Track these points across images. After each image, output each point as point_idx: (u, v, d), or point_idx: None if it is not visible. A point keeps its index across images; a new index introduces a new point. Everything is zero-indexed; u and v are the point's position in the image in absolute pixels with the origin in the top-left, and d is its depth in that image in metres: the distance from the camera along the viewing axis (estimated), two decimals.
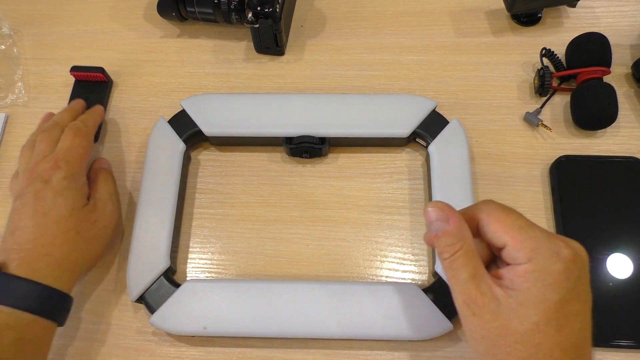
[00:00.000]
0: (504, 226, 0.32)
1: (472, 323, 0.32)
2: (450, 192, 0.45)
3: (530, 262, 0.31)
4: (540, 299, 0.30)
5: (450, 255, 0.32)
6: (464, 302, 0.32)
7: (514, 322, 0.31)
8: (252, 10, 0.49)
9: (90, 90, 0.53)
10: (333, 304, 0.42)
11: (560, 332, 0.31)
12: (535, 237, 0.32)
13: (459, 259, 0.32)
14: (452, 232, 0.32)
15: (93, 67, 0.52)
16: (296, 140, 0.48)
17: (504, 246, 0.32)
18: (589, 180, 0.47)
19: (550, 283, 0.31)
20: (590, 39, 0.50)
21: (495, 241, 0.33)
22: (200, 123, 0.49)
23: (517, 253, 0.31)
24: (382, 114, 0.48)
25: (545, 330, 0.30)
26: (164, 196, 0.46)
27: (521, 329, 0.30)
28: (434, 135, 0.48)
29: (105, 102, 0.53)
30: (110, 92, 0.54)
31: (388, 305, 0.42)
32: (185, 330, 0.42)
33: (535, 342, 0.30)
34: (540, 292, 0.31)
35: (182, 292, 0.43)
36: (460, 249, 0.32)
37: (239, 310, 0.42)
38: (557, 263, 0.31)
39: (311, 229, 0.47)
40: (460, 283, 0.32)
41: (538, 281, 0.31)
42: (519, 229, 0.32)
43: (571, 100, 0.50)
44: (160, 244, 0.44)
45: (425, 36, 0.55)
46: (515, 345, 0.31)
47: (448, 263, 0.32)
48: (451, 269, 0.32)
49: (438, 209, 0.33)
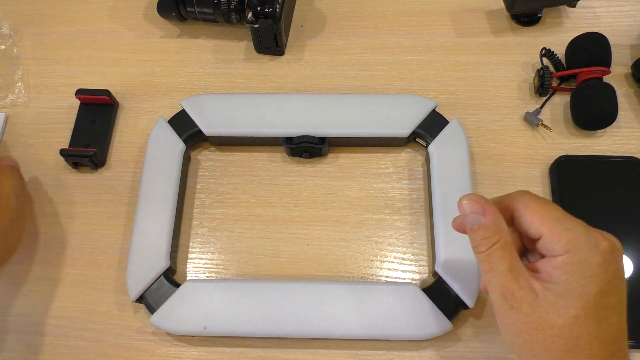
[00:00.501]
0: (541, 217, 0.32)
1: (510, 317, 0.31)
2: (450, 192, 0.45)
3: (567, 253, 0.30)
4: (579, 292, 0.30)
5: (487, 249, 0.32)
6: (502, 295, 0.31)
7: (552, 316, 0.30)
8: (252, 10, 0.49)
9: (96, 113, 0.52)
10: (333, 304, 0.42)
11: (599, 325, 0.30)
12: (572, 229, 0.31)
13: (497, 252, 0.31)
14: (488, 225, 0.32)
15: (99, 90, 0.51)
16: (296, 140, 0.48)
17: (540, 237, 0.32)
18: (589, 180, 0.47)
19: (589, 275, 0.30)
20: (590, 39, 0.50)
21: (532, 232, 0.32)
22: (200, 123, 0.49)
23: (554, 245, 0.31)
24: (382, 114, 0.48)
25: (584, 324, 0.30)
26: (163, 196, 0.46)
27: (560, 322, 0.30)
28: (434, 135, 0.48)
29: (111, 125, 0.52)
30: (116, 114, 0.53)
31: (388, 305, 0.42)
32: (185, 330, 0.42)
33: (575, 335, 0.30)
34: (579, 284, 0.30)
35: (182, 292, 0.43)
36: (497, 242, 0.31)
37: (238, 310, 0.42)
38: (595, 255, 0.30)
39: (311, 229, 0.47)
40: (498, 276, 0.31)
41: (576, 273, 0.30)
42: (556, 221, 0.31)
43: (571, 100, 0.50)
44: (160, 244, 0.44)
45: (425, 36, 0.55)
46: (554, 339, 0.30)
47: (485, 256, 0.32)
48: (488, 262, 0.32)
49: (473, 202, 0.32)
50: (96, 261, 0.47)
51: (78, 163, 0.50)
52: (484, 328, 0.43)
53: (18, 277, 0.47)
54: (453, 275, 0.42)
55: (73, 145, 0.51)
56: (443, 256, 0.43)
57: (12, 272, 0.47)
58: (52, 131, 0.52)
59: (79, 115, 0.52)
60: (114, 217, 0.48)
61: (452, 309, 0.42)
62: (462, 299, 0.42)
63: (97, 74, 0.55)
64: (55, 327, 0.45)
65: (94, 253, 0.47)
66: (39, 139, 0.52)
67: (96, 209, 0.49)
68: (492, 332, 0.43)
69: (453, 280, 0.42)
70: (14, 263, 0.47)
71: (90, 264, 0.47)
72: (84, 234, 0.48)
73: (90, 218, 0.48)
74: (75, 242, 0.48)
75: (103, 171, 0.50)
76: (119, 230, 0.48)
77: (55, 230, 0.48)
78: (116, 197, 0.49)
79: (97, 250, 0.47)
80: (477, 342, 0.43)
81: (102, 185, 0.50)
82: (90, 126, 0.52)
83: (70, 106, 0.53)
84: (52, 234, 0.48)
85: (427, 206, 0.48)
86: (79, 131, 0.51)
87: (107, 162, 0.51)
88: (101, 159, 0.50)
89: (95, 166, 0.50)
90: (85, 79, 0.55)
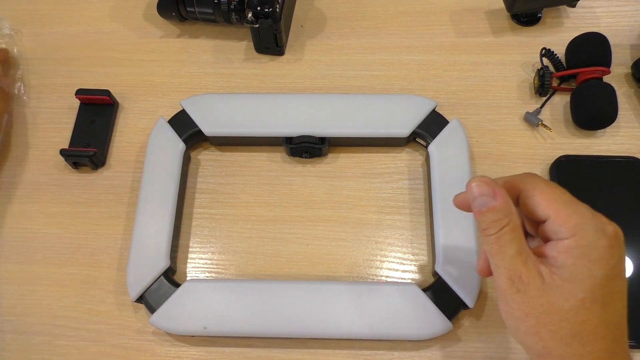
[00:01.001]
0: (548, 200, 0.32)
1: (516, 300, 0.31)
2: (451, 192, 0.44)
3: (574, 237, 0.30)
4: (586, 275, 0.30)
5: (497, 231, 0.31)
6: (509, 279, 0.31)
7: (559, 300, 0.30)
8: (252, 10, 0.49)
9: (96, 113, 0.52)
10: (333, 303, 0.42)
11: (605, 309, 0.30)
12: (579, 213, 0.31)
13: (506, 235, 0.31)
14: (499, 207, 0.31)
15: (99, 90, 0.51)
16: (296, 140, 0.48)
17: (546, 220, 0.32)
18: (589, 180, 0.47)
19: (596, 259, 0.30)
20: (590, 39, 0.50)
21: (538, 213, 0.32)
22: (200, 123, 0.49)
23: (560, 227, 0.31)
24: (382, 114, 0.48)
25: (591, 307, 0.30)
26: (164, 196, 0.46)
27: (567, 306, 0.30)
28: (434, 135, 0.48)
29: (111, 125, 0.52)
30: (116, 114, 0.53)
31: (388, 305, 0.42)
32: (185, 330, 0.42)
33: (581, 319, 0.30)
34: (586, 267, 0.30)
35: (182, 291, 0.43)
36: (507, 225, 0.31)
37: (239, 310, 0.42)
38: (602, 239, 0.30)
39: (311, 229, 0.47)
40: (507, 259, 0.31)
41: (583, 257, 0.30)
42: (564, 204, 0.31)
43: (571, 100, 0.50)
44: (160, 244, 0.44)
45: (425, 36, 0.55)
46: (561, 323, 0.30)
47: (494, 239, 0.32)
48: (498, 245, 0.31)
49: (483, 184, 0.32)
50: (96, 261, 0.47)
51: (78, 163, 0.50)
52: (484, 328, 0.43)
53: (18, 277, 0.47)
54: (453, 275, 0.42)
55: (73, 145, 0.51)
56: (443, 256, 0.43)
57: (12, 271, 0.47)
58: (52, 131, 0.52)
59: (79, 115, 0.52)
60: (114, 217, 0.48)
61: (452, 309, 0.42)
62: (462, 298, 0.42)
63: (97, 74, 0.55)
64: (55, 327, 0.45)
65: (94, 253, 0.47)
66: (39, 139, 0.52)
67: (96, 209, 0.49)
68: (492, 332, 0.43)
69: (453, 280, 0.42)
70: (14, 262, 0.47)
71: (90, 264, 0.47)
72: (84, 233, 0.48)
73: (90, 218, 0.48)
74: (75, 242, 0.48)
75: (103, 171, 0.50)
76: (119, 230, 0.48)
77: (55, 230, 0.48)
78: (116, 197, 0.49)
79: (97, 250, 0.47)
80: (477, 342, 0.43)
81: (102, 185, 0.50)
82: (90, 126, 0.52)
83: (70, 106, 0.53)
84: (52, 234, 0.48)
85: (427, 206, 0.48)
86: (79, 131, 0.51)
87: (107, 162, 0.51)
88: (101, 159, 0.50)
89: (95, 166, 0.50)
90: (85, 79, 0.55)
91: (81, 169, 0.50)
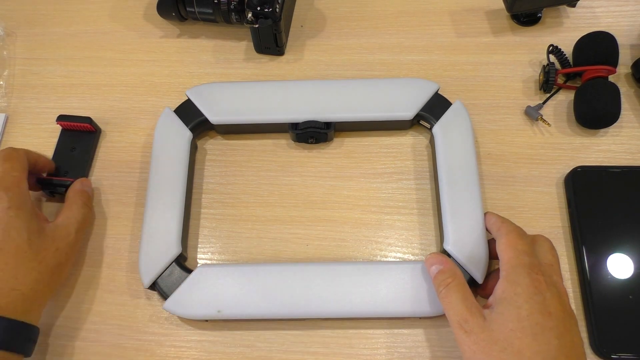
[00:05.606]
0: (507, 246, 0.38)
1: (466, 341, 0.35)
2: (456, 171, 0.46)
3: (506, 272, 0.37)
4: (513, 306, 0.35)
5: (445, 287, 0.38)
6: (458, 323, 0.36)
7: (495, 331, 0.34)
8: (252, 10, 0.49)
9: (77, 140, 0.50)
10: (345, 283, 0.42)
11: (537, 340, 0.33)
12: (517, 253, 0.37)
13: (452, 288, 0.38)
14: (445, 270, 0.39)
15: (80, 117, 0.50)
16: (302, 125, 0.48)
17: None
18: (606, 192, 0.46)
19: (519, 293, 0.35)
20: (599, 38, 0.50)
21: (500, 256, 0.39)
22: (206, 112, 0.49)
23: (501, 267, 0.37)
24: (386, 98, 0.49)
25: (521, 337, 0.33)
26: (172, 184, 0.46)
27: (502, 336, 0.34)
28: (438, 117, 0.48)
29: (92, 152, 0.50)
30: (97, 141, 0.51)
31: (398, 283, 0.42)
32: (199, 315, 0.42)
33: (516, 349, 0.33)
34: (513, 299, 0.35)
35: (195, 276, 0.43)
36: (452, 281, 0.38)
37: (252, 292, 0.42)
38: (524, 277, 0.35)
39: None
40: (454, 307, 0.37)
41: (509, 290, 0.35)
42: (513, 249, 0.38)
43: (575, 96, 0.50)
44: (171, 231, 0.44)
45: (425, 36, 0.55)
46: (501, 355, 0.33)
47: (444, 294, 0.38)
48: (447, 297, 0.38)
49: (433, 257, 0.41)
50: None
51: (54, 192, 0.48)
52: None
53: None
54: (462, 252, 0.42)
55: (55, 172, 0.49)
56: (451, 234, 0.43)
57: None
58: (52, 130, 0.52)
59: (59, 141, 0.50)
60: (121, 210, 0.48)
61: None
62: (472, 274, 0.42)
63: (97, 74, 0.55)
64: (61, 323, 0.44)
65: (102, 245, 0.47)
66: (39, 139, 0.52)
67: (103, 203, 0.49)
68: None
69: (462, 256, 0.42)
70: None
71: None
72: (90, 229, 0.48)
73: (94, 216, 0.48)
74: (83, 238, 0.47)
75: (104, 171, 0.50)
76: (128, 224, 0.48)
77: None
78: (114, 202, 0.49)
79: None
80: None
81: (105, 184, 0.50)
82: (70, 153, 0.50)
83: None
84: None
85: (433, 186, 0.48)
86: (59, 158, 0.50)
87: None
88: None
89: None
90: (85, 79, 0.55)
91: (58, 197, 0.49)
